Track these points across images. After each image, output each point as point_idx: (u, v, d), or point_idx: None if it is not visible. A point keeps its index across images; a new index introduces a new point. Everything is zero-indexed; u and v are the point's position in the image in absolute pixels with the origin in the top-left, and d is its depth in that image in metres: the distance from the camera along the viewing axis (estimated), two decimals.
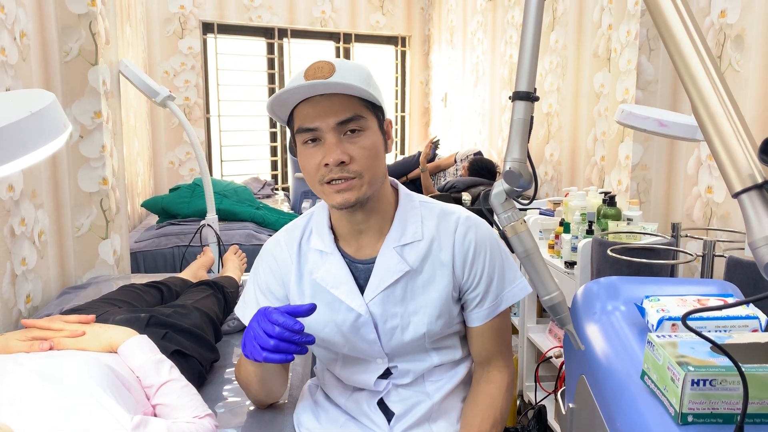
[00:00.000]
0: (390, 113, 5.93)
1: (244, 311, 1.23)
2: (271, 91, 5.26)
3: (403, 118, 5.96)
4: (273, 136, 5.40)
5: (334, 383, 1.24)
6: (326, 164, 1.02)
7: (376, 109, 1.08)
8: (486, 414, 1.15)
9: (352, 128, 1.03)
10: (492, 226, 1.28)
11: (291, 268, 1.18)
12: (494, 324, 1.18)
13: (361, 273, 1.14)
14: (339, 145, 1.02)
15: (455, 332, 1.20)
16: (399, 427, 1.16)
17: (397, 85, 5.86)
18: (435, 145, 4.61)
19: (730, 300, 1.08)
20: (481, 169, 3.99)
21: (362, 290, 1.13)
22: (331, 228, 1.17)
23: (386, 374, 1.19)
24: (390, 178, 1.18)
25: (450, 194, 3.78)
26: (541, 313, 2.49)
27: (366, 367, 1.18)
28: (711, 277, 1.77)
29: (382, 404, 1.19)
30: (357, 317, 1.13)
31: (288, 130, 1.18)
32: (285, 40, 5.20)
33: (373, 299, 1.12)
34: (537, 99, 0.94)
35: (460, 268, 1.14)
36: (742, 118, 0.71)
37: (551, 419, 2.13)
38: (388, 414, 1.18)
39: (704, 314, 0.97)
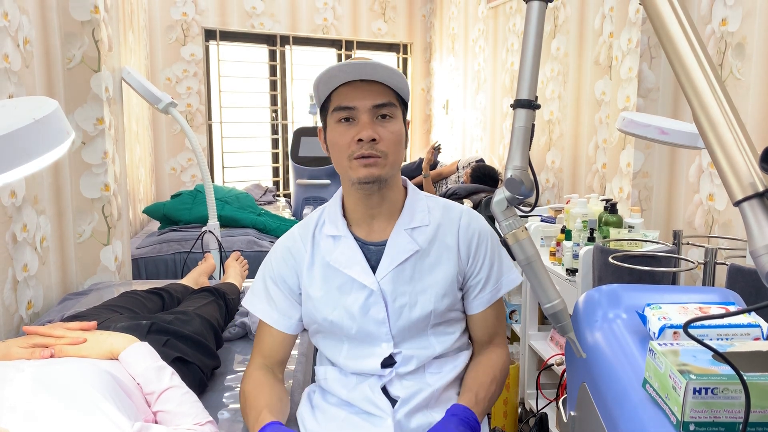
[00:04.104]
0: None
1: (252, 301, 1.30)
2: (273, 97, 5.27)
3: None
4: (275, 143, 5.41)
5: (336, 377, 1.26)
6: (359, 140, 1.12)
7: (403, 106, 1.20)
8: (485, 370, 1.24)
9: (384, 113, 1.14)
10: None
11: (305, 257, 1.24)
12: (494, 309, 1.28)
13: (372, 254, 1.22)
14: (372, 126, 1.13)
15: (456, 320, 1.26)
16: (402, 411, 1.19)
17: None
18: (436, 150, 4.60)
19: (732, 308, 1.08)
20: (483, 176, 3.99)
21: (374, 271, 1.20)
22: (344, 215, 1.25)
23: (390, 364, 1.22)
24: (401, 176, 1.28)
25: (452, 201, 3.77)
26: (543, 320, 2.48)
27: (372, 351, 1.22)
28: (713, 285, 1.77)
29: (385, 393, 1.22)
30: (369, 295, 1.19)
31: (289, 138, 1.23)
32: (287, 47, 5.22)
33: (385, 277, 1.19)
34: (538, 107, 0.94)
35: (465, 254, 1.23)
36: (743, 126, 0.71)
37: (553, 427, 2.13)
38: (392, 402, 1.21)
39: (706, 322, 0.97)
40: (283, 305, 1.26)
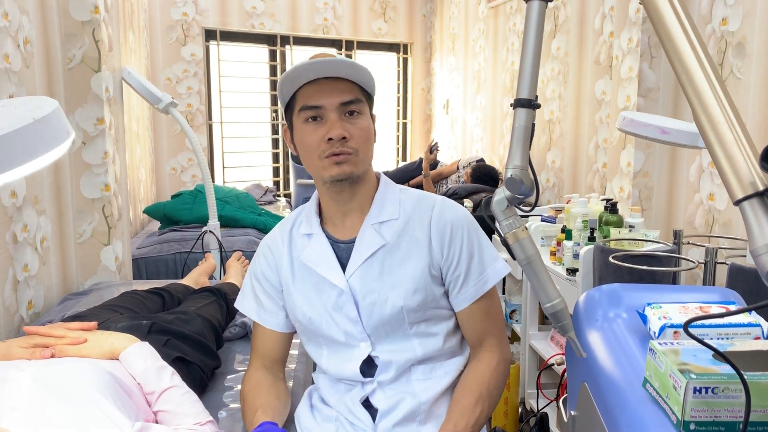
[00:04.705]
0: (392, 120, 5.95)
1: (242, 302, 1.32)
2: (273, 97, 5.26)
3: (404, 124, 5.96)
4: (275, 143, 5.41)
5: (326, 385, 1.26)
6: (330, 139, 1.10)
7: (369, 100, 1.19)
8: (471, 388, 1.16)
9: (352, 110, 1.13)
10: (493, 234, 1.29)
11: (283, 254, 1.25)
12: (482, 304, 1.21)
13: (343, 252, 1.21)
14: (341, 124, 1.11)
15: (440, 319, 1.21)
16: (384, 424, 1.17)
17: (398, 92, 5.87)
18: (432, 148, 4.57)
19: (732, 307, 1.08)
20: (484, 175, 3.99)
21: (345, 269, 1.19)
22: (319, 214, 1.25)
23: (371, 371, 1.20)
24: (375, 170, 1.26)
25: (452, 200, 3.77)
26: (543, 320, 2.48)
27: (350, 353, 1.20)
28: (713, 285, 1.77)
29: (368, 405, 1.20)
30: (339, 294, 1.18)
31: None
32: (287, 47, 5.22)
33: (353, 274, 1.18)
34: (538, 106, 0.94)
35: (438, 247, 1.18)
36: (743, 126, 0.71)
37: (553, 427, 2.13)
38: (376, 414, 1.19)
39: (706, 322, 0.97)
40: (269, 303, 1.27)
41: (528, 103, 0.93)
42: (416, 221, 1.19)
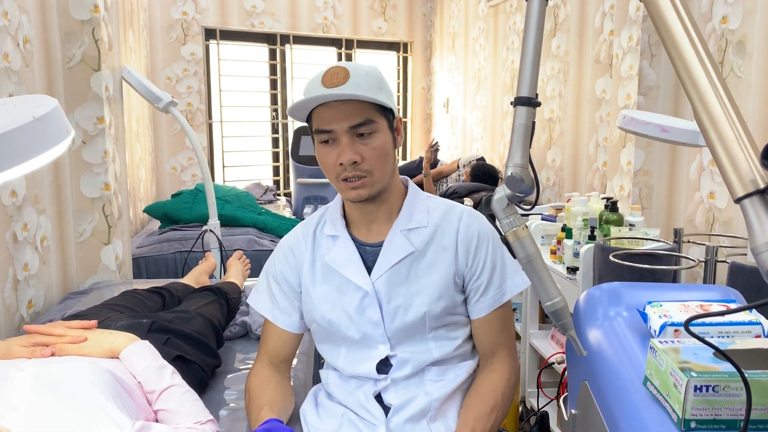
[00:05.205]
0: None
1: (256, 299, 1.31)
2: (273, 96, 5.26)
3: (405, 123, 5.96)
4: (275, 142, 5.41)
5: (336, 381, 1.27)
6: (341, 163, 1.11)
7: (387, 111, 1.16)
8: (487, 396, 1.19)
9: (363, 131, 1.12)
10: None
11: (305, 255, 1.25)
12: (498, 314, 1.23)
13: (369, 255, 1.22)
14: (352, 146, 1.11)
15: (457, 324, 1.23)
16: (396, 419, 1.18)
17: (398, 91, 5.87)
18: (433, 147, 4.57)
19: (733, 306, 1.08)
20: (483, 174, 3.98)
21: (370, 272, 1.20)
22: (344, 216, 1.25)
23: (386, 369, 1.21)
24: (401, 176, 1.27)
25: (452, 199, 3.77)
26: (544, 319, 2.48)
27: (368, 354, 1.21)
28: (714, 283, 1.77)
29: (380, 401, 1.21)
30: (363, 296, 1.19)
31: (290, 137, 1.23)
32: (287, 46, 5.21)
33: (379, 278, 1.19)
34: (538, 104, 0.94)
35: (464, 255, 1.20)
36: (743, 124, 0.71)
37: (554, 425, 2.13)
38: (387, 410, 1.20)
39: (707, 320, 0.97)
40: (284, 303, 1.27)
41: (528, 102, 0.93)
42: (444, 229, 1.21)
